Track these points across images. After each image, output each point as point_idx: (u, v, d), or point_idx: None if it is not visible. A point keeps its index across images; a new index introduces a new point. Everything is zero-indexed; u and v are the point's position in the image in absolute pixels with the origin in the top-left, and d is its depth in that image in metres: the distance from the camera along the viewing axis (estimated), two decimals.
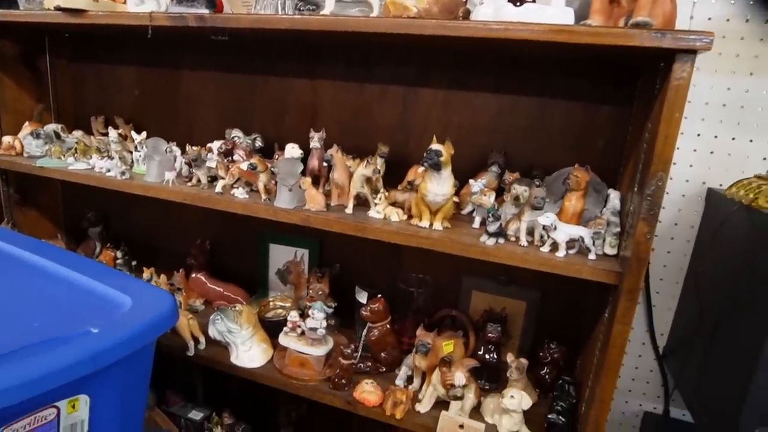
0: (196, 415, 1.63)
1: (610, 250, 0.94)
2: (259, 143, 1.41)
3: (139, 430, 0.95)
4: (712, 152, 1.11)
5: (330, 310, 1.20)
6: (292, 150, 1.21)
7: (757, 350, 0.82)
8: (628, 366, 1.30)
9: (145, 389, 0.93)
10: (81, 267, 1.02)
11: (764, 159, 1.08)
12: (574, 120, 1.15)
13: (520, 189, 0.98)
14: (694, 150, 1.12)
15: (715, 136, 1.11)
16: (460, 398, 1.02)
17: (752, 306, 0.87)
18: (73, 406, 0.80)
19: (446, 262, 1.30)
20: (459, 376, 1.01)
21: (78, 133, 1.56)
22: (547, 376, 1.17)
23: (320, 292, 1.24)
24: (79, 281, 1.00)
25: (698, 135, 1.12)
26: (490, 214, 0.94)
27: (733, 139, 1.10)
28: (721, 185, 1.12)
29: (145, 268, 1.39)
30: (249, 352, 1.24)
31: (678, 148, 1.11)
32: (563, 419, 1.02)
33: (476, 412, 1.10)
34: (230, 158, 1.30)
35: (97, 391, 0.82)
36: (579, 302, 1.22)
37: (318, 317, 1.17)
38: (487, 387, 1.18)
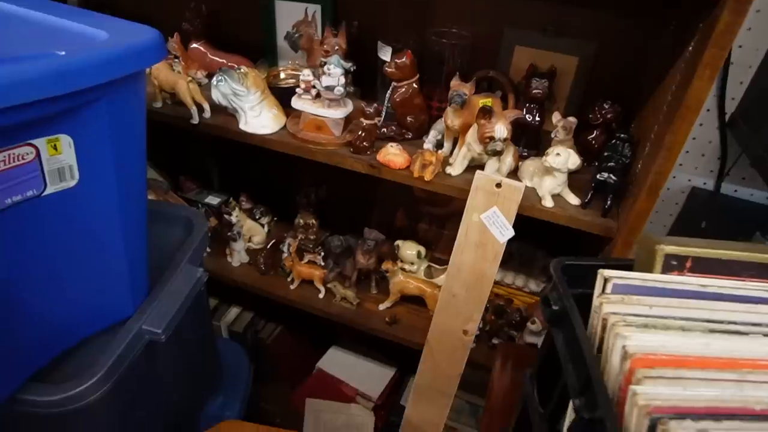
0: (212, 200, 1.59)
1: None
2: None
3: (140, 186, 0.86)
4: None
5: (348, 66, 1.03)
6: None
7: None
8: None
9: (141, 137, 0.82)
10: (52, 9, 0.85)
11: None
12: None
13: None
14: None
15: None
16: (500, 153, 0.90)
17: None
18: (55, 147, 0.68)
19: (485, 10, 1.09)
20: (500, 128, 0.87)
21: None
22: (594, 142, 1.04)
23: (336, 47, 1.06)
24: (47, 20, 0.83)
25: None
26: None
27: None
28: None
29: None
30: (259, 117, 1.11)
31: None
32: (615, 178, 0.91)
33: (512, 177, 1.00)
34: None
35: (81, 131, 0.69)
36: (640, 54, 1.02)
37: (335, 73, 1.01)
38: (525, 153, 1.06)
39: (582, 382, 0.45)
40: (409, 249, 1.33)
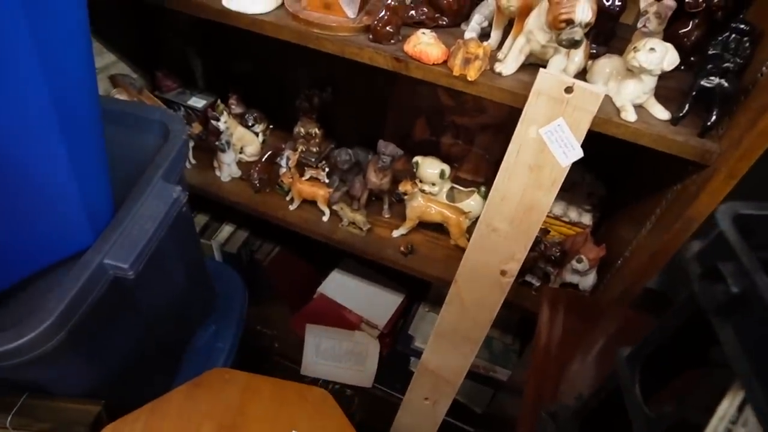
0: (197, 102, 1.35)
1: None
2: None
3: (84, 72, 0.63)
4: None
5: None
6: None
7: None
8: None
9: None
10: None
11: None
12: None
13: None
14: None
15: None
16: (579, 44, 0.65)
17: None
18: None
19: None
20: (583, 7, 0.63)
21: None
22: (688, 36, 0.79)
23: None
24: None
25: None
26: None
27: None
28: None
29: None
30: None
31: None
32: (727, 84, 0.68)
33: (580, 79, 0.77)
34: None
35: None
36: None
37: None
38: (595, 50, 0.82)
39: None
40: (430, 167, 1.12)
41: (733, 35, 0.68)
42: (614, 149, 0.79)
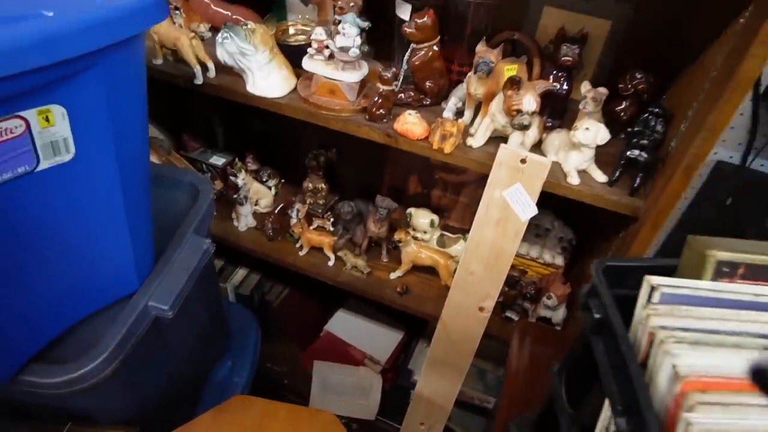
0: (217, 160, 1.54)
1: None
2: None
3: (141, 156, 0.81)
4: None
5: (364, 25, 0.95)
6: None
7: None
8: None
9: (141, 105, 0.76)
10: None
11: None
12: None
13: None
14: None
15: None
16: (527, 127, 0.84)
17: None
18: (47, 120, 0.63)
19: None
20: (529, 101, 0.81)
21: None
22: (623, 113, 0.98)
23: (351, 4, 0.97)
24: None
25: None
26: None
27: None
28: None
29: None
30: (268, 79, 1.04)
31: None
32: (646, 156, 0.85)
33: (536, 150, 0.95)
34: None
35: (74, 101, 0.63)
36: (683, 19, 0.94)
37: (350, 33, 0.93)
38: (550, 123, 1.00)
39: (626, 401, 0.42)
40: (421, 217, 1.29)
41: (651, 116, 0.87)
42: (579, 202, 0.95)
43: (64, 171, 0.67)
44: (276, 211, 1.40)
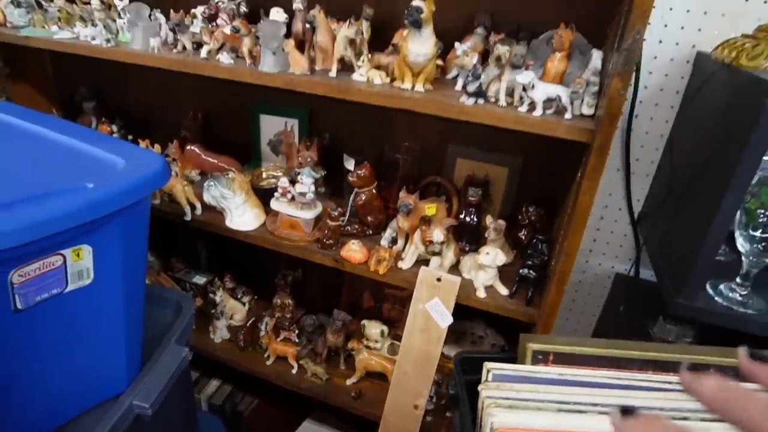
0: (199, 279, 1.76)
1: (588, 110, 0.95)
2: (243, 8, 1.36)
3: (141, 282, 1.03)
4: (705, 12, 1.07)
5: (318, 176, 1.24)
6: (276, 14, 1.19)
7: (714, 208, 0.85)
8: (605, 230, 1.37)
9: (144, 243, 1.00)
10: (76, 133, 1.05)
11: (759, 20, 1.04)
12: None
13: (502, 49, 0.97)
14: (687, 11, 1.08)
15: None
16: (438, 254, 1.09)
17: (717, 167, 0.89)
18: (78, 255, 0.86)
19: (432, 129, 1.32)
20: (437, 233, 1.07)
21: (60, 1, 1.51)
22: (524, 238, 1.24)
23: (308, 159, 1.27)
24: (74, 145, 1.03)
25: None
26: (469, 74, 0.94)
27: None
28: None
29: (140, 140, 1.42)
30: (243, 216, 1.31)
31: (671, 9, 1.07)
32: (534, 273, 1.10)
33: (455, 269, 1.19)
34: (214, 23, 1.27)
35: (99, 242, 0.88)
36: (558, 167, 1.25)
37: (306, 182, 1.22)
38: (467, 248, 1.26)
39: None
40: (373, 328, 1.48)
41: (538, 241, 1.13)
42: None
43: (83, 292, 0.88)
44: (248, 325, 1.60)
